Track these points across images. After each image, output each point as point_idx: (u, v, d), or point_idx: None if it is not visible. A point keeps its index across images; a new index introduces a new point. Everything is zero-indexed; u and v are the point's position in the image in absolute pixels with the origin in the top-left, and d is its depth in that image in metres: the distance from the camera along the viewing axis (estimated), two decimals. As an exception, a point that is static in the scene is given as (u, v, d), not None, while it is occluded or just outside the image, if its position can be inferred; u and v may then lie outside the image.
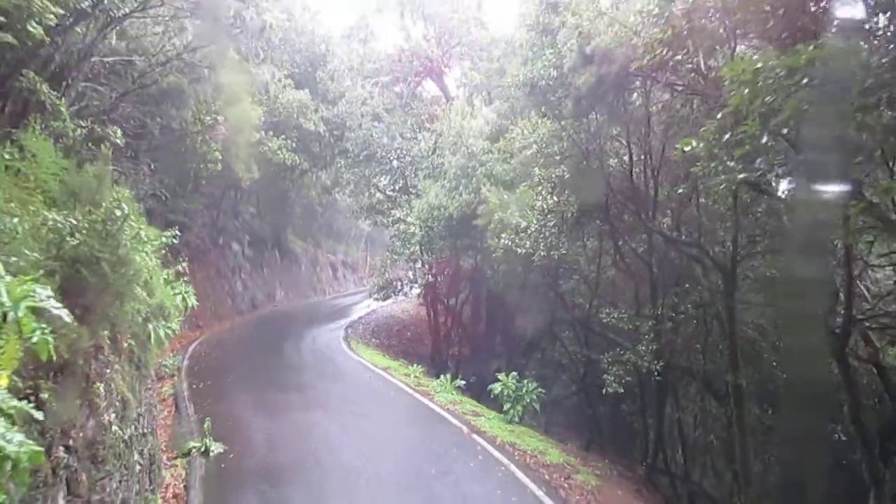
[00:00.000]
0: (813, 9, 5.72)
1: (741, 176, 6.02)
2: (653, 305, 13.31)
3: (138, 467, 8.69)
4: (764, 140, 5.42)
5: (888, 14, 5.40)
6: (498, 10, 24.13)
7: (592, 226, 14.50)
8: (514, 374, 15.77)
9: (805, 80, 4.74)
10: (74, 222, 6.77)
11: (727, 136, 5.76)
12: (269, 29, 9.00)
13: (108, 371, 7.68)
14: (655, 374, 12.40)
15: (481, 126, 18.75)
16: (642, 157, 12.34)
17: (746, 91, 5.17)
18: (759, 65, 5.09)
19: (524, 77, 12.37)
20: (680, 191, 10.06)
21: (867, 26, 5.34)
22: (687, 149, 6.16)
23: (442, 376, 18.40)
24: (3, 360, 4.41)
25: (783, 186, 8.42)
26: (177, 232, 8.31)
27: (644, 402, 14.70)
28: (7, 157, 7.11)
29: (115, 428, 7.60)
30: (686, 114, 10.58)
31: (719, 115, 6.01)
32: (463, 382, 18.19)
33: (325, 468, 10.89)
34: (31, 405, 4.36)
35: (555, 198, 11.95)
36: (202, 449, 11.27)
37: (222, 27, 12.15)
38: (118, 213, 6.97)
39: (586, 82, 9.94)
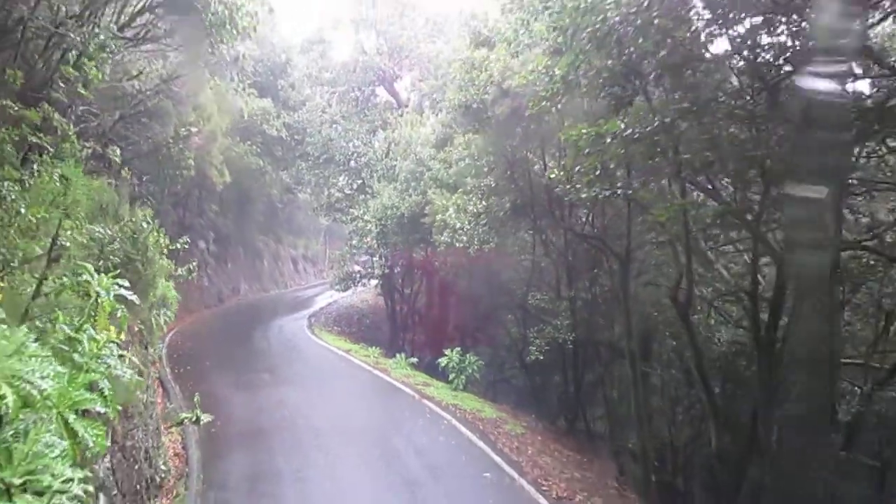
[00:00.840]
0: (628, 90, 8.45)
1: (584, 195, 8.81)
2: (569, 289, 16.23)
3: (152, 427, 11.11)
4: (598, 172, 8.16)
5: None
6: (446, 26, 26.47)
7: (523, 223, 17.32)
8: (458, 349, 18.54)
9: (609, 140, 7.49)
10: (111, 233, 9.11)
11: (578, 168, 8.51)
12: (242, 59, 11.05)
13: (129, 348, 10.07)
14: (569, 343, 15.34)
15: (428, 134, 21.32)
16: (556, 168, 15.17)
17: (577, 145, 7.90)
18: (584, 131, 7.82)
19: (458, 101, 15.01)
20: (583, 195, 12.83)
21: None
22: (552, 176, 8.87)
23: (398, 355, 21.03)
24: (99, 326, 6.81)
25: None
26: (187, 240, 10.61)
27: (565, 367, 17.68)
28: (51, 181, 9.21)
29: (138, 393, 9.98)
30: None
31: (565, 158, 8.81)
32: (416, 360, 20.88)
33: (298, 429, 13.43)
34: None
35: (484, 202, 14.64)
36: (193, 419, 13.56)
37: (202, 58, 14.29)
38: (145, 225, 9.33)
39: (503, 112, 12.61)
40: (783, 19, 8.41)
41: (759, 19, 7.96)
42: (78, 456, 4.60)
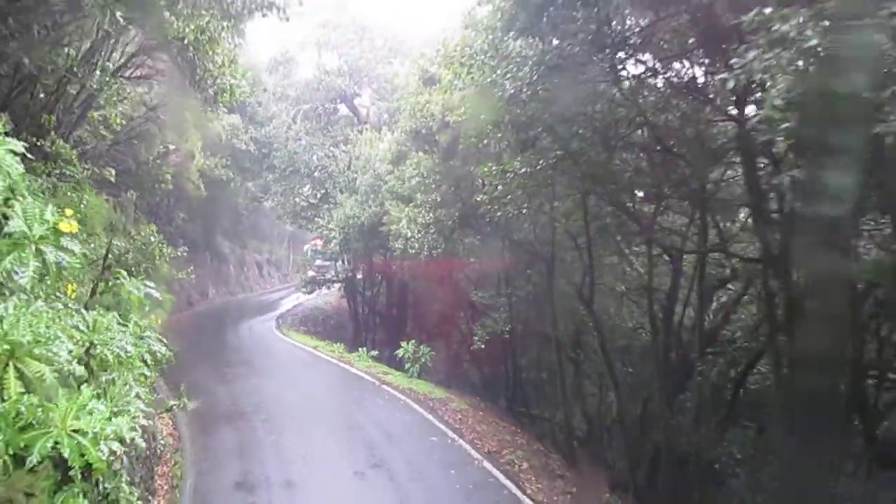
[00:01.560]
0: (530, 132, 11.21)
1: (499, 214, 11.54)
2: (507, 287, 19.00)
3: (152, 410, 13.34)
4: (509, 197, 10.89)
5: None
6: (402, 48, 29.08)
7: (468, 231, 19.97)
8: (414, 341, 21.13)
9: (510, 175, 10.20)
10: (125, 245, 11.39)
11: (495, 193, 11.23)
12: (223, 93, 13.15)
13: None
14: (507, 334, 18.11)
15: (385, 151, 23.81)
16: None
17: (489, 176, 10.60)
18: (493, 168, 10.50)
19: (410, 127, 17.56)
20: (499, 214, 15.18)
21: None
22: (478, 199, 11.59)
23: (360, 349, 23.46)
24: (133, 313, 9.11)
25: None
26: (186, 248, 12.89)
27: (505, 355, 20.46)
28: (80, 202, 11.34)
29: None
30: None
31: (486, 187, 11.56)
32: (376, 353, 23.37)
33: (275, 410, 15.77)
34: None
35: (433, 214, 17.22)
36: (181, 405, 15.75)
37: (185, 90, 16.47)
38: (153, 238, 11.61)
39: (446, 139, 15.24)
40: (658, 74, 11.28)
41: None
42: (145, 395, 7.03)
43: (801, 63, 5.18)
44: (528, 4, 9.41)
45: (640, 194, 13.37)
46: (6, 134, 5.54)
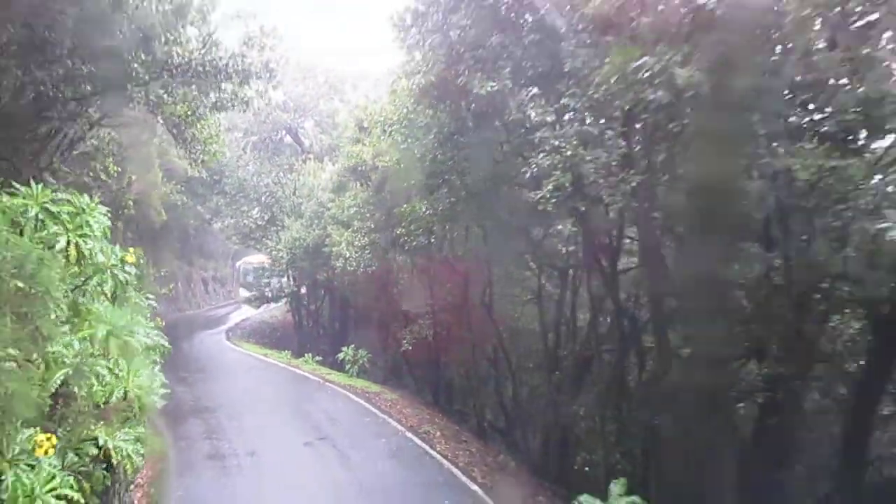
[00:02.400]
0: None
1: (414, 244, 15.48)
2: (431, 298, 22.79)
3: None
4: (420, 231, 14.80)
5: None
6: (342, 86, 32.67)
7: (399, 251, 23.66)
8: (353, 345, 24.59)
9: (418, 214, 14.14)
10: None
11: (411, 227, 15.07)
12: (191, 140, 16.08)
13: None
14: (430, 338, 21.87)
15: (327, 180, 27.27)
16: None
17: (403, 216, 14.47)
18: (406, 208, 14.36)
19: (347, 165, 21.19)
20: (414, 244, 18.81)
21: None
22: (398, 231, 15.45)
23: (306, 355, 26.66)
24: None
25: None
26: (167, 269, 15.94)
27: (430, 355, 24.22)
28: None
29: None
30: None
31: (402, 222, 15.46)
32: (320, 358, 26.62)
33: (233, 404, 18.88)
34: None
35: (367, 238, 20.83)
36: (150, 401, 18.65)
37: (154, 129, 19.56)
38: (142, 261, 14.70)
39: (378, 178, 18.96)
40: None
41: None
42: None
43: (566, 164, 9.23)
44: (428, 92, 13.33)
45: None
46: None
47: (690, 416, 9.99)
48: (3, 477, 5.44)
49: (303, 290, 33.65)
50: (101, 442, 7.35)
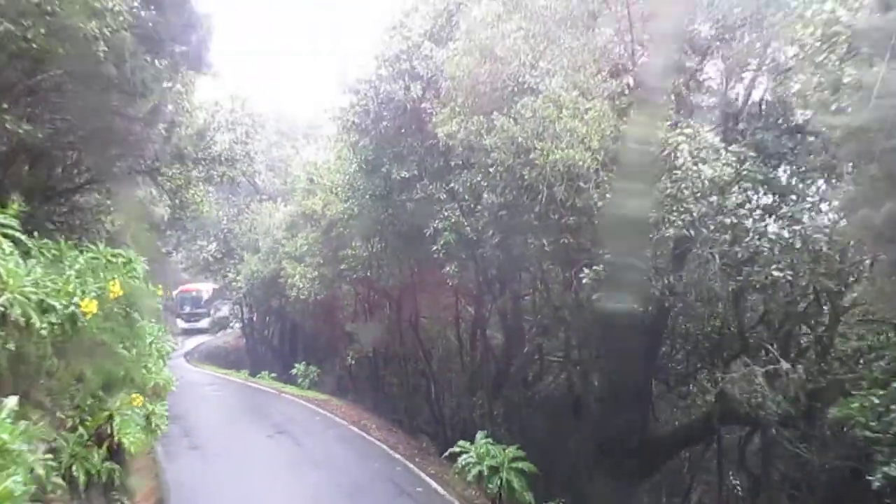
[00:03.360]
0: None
1: (355, 275, 20.14)
2: (370, 318, 27.37)
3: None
4: (365, 254, 19.54)
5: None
6: (293, 133, 37.21)
7: (344, 282, 28.21)
8: (305, 363, 28.80)
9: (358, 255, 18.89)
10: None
11: (352, 264, 19.80)
12: (181, 201, 20.04)
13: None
14: (371, 354, 26.39)
15: (280, 220, 31.53)
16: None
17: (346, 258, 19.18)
18: (349, 252, 19.05)
19: (299, 211, 25.71)
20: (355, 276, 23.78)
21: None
22: (342, 267, 20.17)
23: (262, 372, 30.58)
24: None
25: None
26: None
27: (371, 367, 28.70)
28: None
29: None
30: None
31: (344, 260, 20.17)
32: (275, 375, 30.60)
33: (202, 412, 22.76)
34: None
35: (317, 272, 25.27)
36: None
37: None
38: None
39: (326, 223, 23.60)
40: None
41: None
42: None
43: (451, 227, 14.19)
44: (366, 161, 18.18)
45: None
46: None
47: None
48: (115, 417, 9.75)
49: (254, 318, 37.49)
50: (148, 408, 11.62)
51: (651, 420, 16.16)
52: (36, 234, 9.05)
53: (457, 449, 13.37)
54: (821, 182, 11.81)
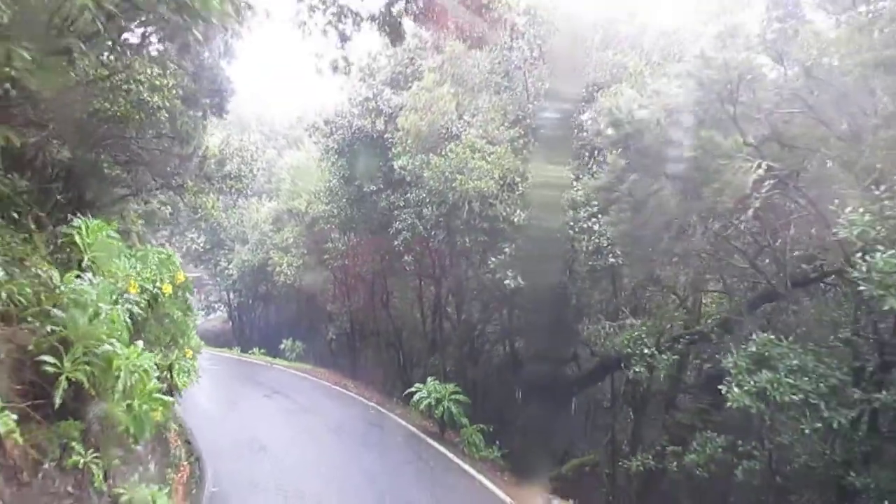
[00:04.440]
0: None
1: (335, 263, 24.69)
2: (348, 301, 31.98)
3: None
4: (343, 246, 24.07)
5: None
6: (276, 138, 41.28)
7: (326, 268, 32.74)
8: (292, 338, 33.40)
9: (338, 247, 23.40)
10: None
11: (334, 254, 24.39)
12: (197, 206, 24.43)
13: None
14: (350, 330, 31.05)
15: (267, 215, 35.82)
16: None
17: (329, 250, 23.72)
18: (331, 245, 23.59)
19: (285, 207, 30.06)
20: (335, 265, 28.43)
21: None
22: (325, 256, 24.68)
23: (254, 349, 35.08)
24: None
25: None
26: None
27: (349, 342, 33.39)
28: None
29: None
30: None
31: (327, 251, 24.75)
32: (265, 350, 35.11)
33: (204, 381, 27.15)
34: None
35: (301, 261, 29.73)
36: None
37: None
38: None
39: (309, 218, 28.01)
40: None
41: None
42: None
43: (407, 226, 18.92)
44: (343, 177, 22.73)
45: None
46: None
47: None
48: (175, 365, 14.34)
49: (247, 301, 41.82)
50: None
51: (566, 368, 21.36)
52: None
53: (413, 389, 18.29)
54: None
